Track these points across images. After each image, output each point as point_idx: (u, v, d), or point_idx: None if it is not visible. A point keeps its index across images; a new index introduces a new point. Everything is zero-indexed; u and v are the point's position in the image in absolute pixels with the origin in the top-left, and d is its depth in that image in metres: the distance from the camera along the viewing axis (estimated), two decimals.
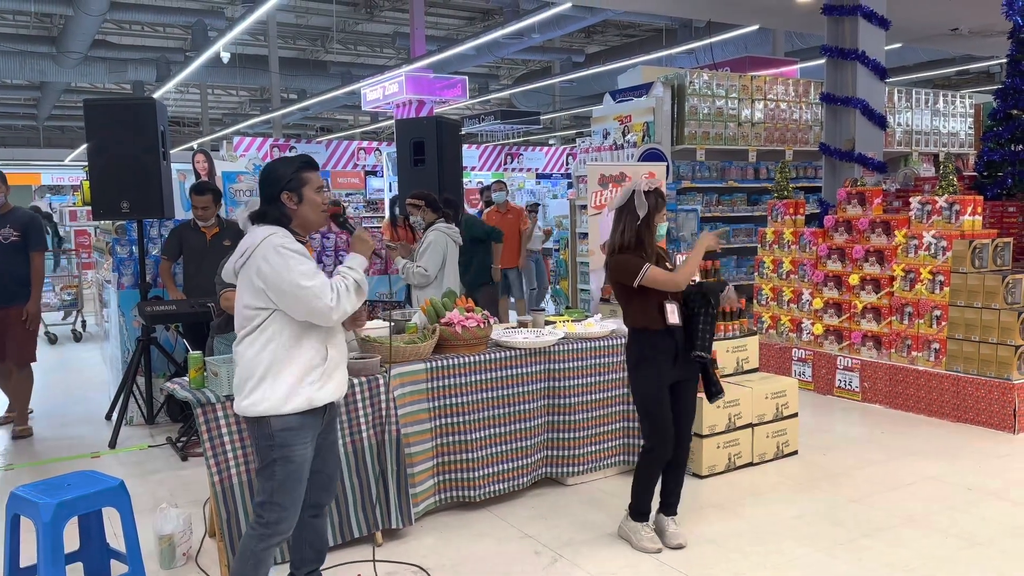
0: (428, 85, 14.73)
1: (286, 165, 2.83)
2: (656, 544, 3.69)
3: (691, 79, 8.32)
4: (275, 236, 2.71)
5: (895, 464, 4.87)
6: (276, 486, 2.74)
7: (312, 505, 2.97)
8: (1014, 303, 5.56)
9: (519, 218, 9.17)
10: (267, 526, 2.74)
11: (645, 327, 3.60)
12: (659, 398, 3.60)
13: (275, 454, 2.73)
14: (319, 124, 31.24)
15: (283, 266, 2.65)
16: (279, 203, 2.79)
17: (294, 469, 2.75)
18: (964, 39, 10.93)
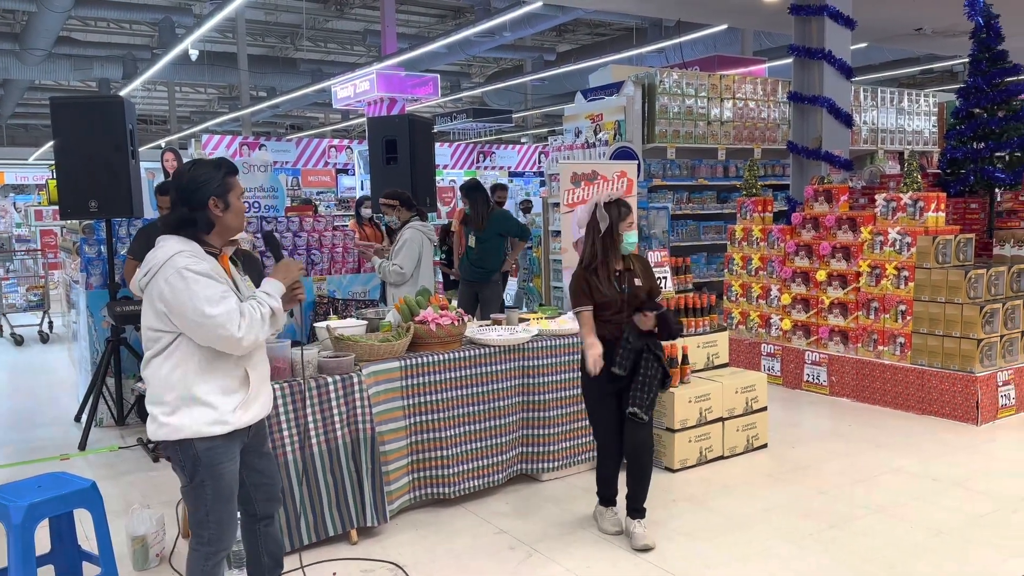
0: (400, 83, 14.69)
1: (212, 169, 2.64)
2: (615, 527, 3.86)
3: (661, 78, 8.40)
4: (179, 256, 2.52)
5: (862, 456, 4.97)
6: (209, 505, 2.65)
7: (263, 516, 2.94)
8: (976, 298, 5.69)
9: None
10: (209, 543, 2.68)
11: (599, 333, 3.70)
12: (599, 409, 3.82)
13: (202, 475, 2.61)
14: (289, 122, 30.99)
15: (186, 291, 2.47)
16: (205, 210, 2.60)
17: (224, 485, 2.66)
18: (928, 39, 11.14)
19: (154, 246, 2.63)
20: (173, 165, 8.06)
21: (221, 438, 2.61)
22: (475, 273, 6.83)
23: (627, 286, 3.72)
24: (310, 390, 3.68)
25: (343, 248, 6.84)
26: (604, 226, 3.68)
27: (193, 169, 2.66)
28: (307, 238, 6.73)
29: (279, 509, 3.10)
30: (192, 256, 2.54)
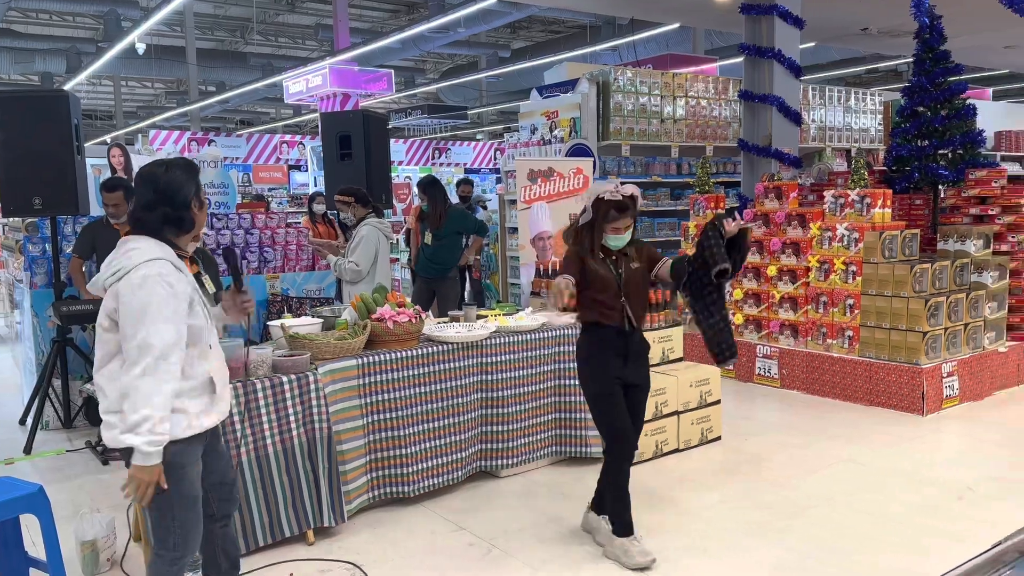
0: (353, 78, 14.54)
1: (186, 169, 2.66)
2: (648, 557, 3.46)
3: (615, 76, 8.47)
4: (158, 264, 2.48)
5: (813, 448, 5.08)
6: (175, 510, 2.61)
7: (221, 516, 2.90)
8: (921, 291, 5.86)
9: None
10: (174, 549, 2.63)
11: (595, 322, 3.51)
12: (610, 394, 3.48)
13: (169, 478, 2.55)
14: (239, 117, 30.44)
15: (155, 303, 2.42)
16: (189, 210, 2.61)
17: (188, 487, 2.62)
18: (873, 39, 11.42)
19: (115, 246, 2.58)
20: (120, 161, 7.85)
21: (184, 442, 2.57)
22: (432, 270, 6.79)
23: (622, 270, 3.48)
24: (264, 390, 3.63)
25: (297, 245, 6.75)
26: (585, 219, 3.48)
27: (172, 170, 2.64)
28: (259, 235, 6.62)
29: (236, 509, 3.06)
30: (165, 264, 2.51)
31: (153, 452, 2.43)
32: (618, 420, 3.49)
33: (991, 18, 9.42)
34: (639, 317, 3.51)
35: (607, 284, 3.45)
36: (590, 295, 3.48)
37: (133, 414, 2.40)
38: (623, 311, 3.45)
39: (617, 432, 3.50)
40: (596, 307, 3.48)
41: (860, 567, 3.45)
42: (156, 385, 2.42)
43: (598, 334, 3.52)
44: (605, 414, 3.51)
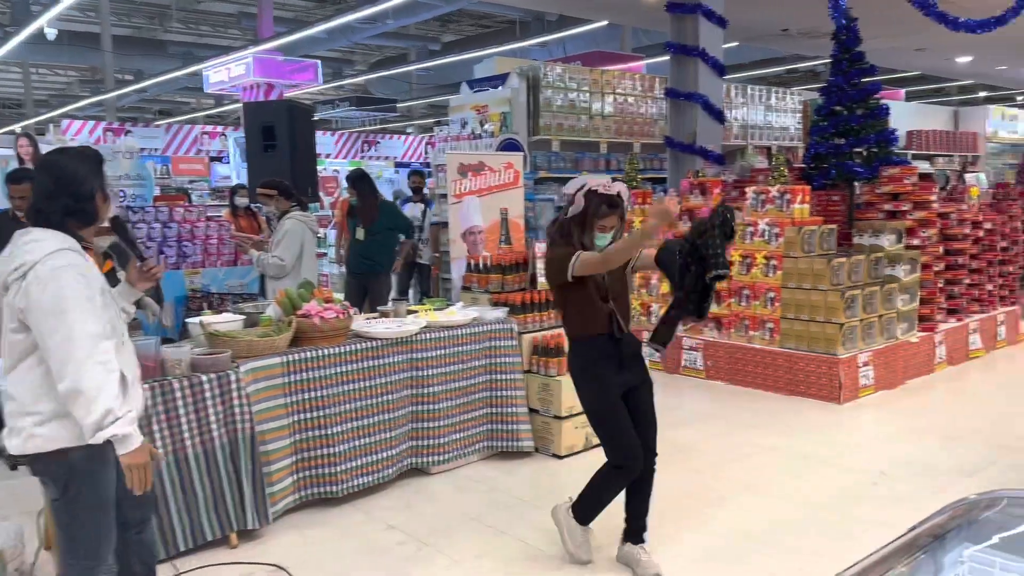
0: (277, 68, 14.17)
1: (90, 159, 2.54)
2: (587, 556, 3.40)
3: (545, 72, 8.48)
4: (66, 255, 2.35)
5: (737, 437, 5.20)
6: (86, 516, 2.49)
7: (135, 523, 2.78)
8: (838, 284, 6.06)
9: None
10: (86, 558, 2.50)
11: (584, 334, 3.27)
12: (612, 409, 3.23)
13: (78, 485, 2.44)
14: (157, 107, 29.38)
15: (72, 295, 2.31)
16: (93, 201, 2.50)
17: (102, 494, 2.51)
18: (793, 39, 11.77)
19: (11, 240, 2.42)
20: (28, 152, 7.46)
21: (98, 445, 2.42)
22: (363, 265, 6.67)
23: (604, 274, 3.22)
24: (183, 389, 3.50)
25: (218, 239, 6.54)
26: (574, 211, 3.18)
27: (73, 159, 2.52)
28: (178, 229, 6.39)
29: (152, 515, 2.94)
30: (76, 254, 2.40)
31: (131, 434, 2.36)
32: (624, 436, 3.22)
33: (904, 22, 9.81)
34: (626, 320, 3.28)
35: (597, 288, 3.21)
36: (576, 301, 3.24)
37: (91, 414, 2.30)
38: (611, 315, 3.22)
39: (625, 450, 3.23)
40: (583, 315, 3.24)
41: (785, 552, 3.55)
42: (99, 375, 2.32)
43: (588, 345, 3.27)
44: (609, 431, 3.25)
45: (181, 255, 6.34)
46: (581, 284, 3.19)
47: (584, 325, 3.25)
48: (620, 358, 3.26)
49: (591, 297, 3.20)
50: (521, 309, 4.85)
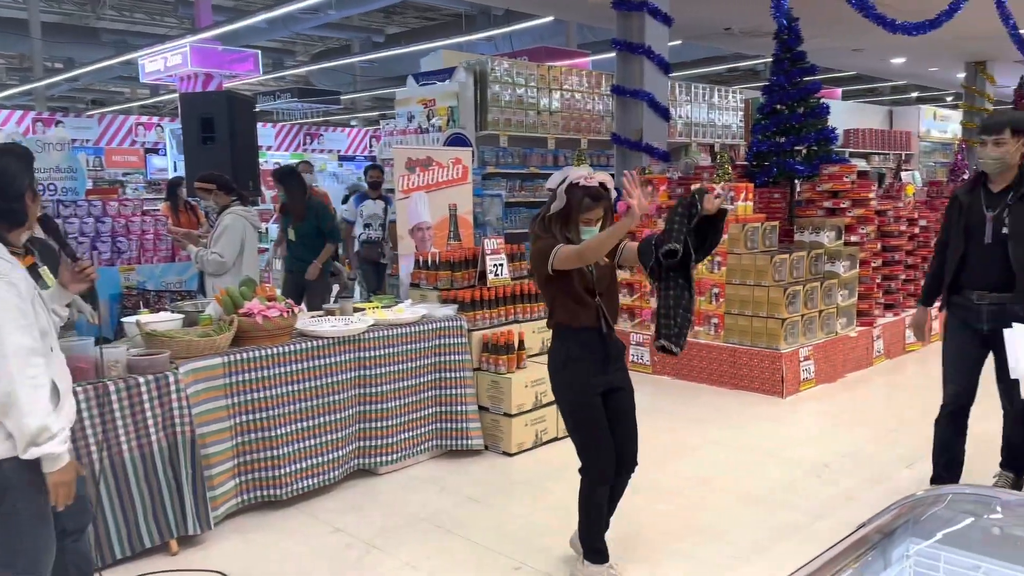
0: (216, 58, 13.80)
1: (20, 157, 2.45)
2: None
3: (492, 66, 8.44)
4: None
5: (684, 431, 5.26)
6: (23, 531, 2.38)
7: (71, 531, 2.67)
8: (780, 280, 6.17)
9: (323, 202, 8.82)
10: (24, 571, 2.38)
11: (568, 324, 3.14)
12: (588, 405, 3.13)
13: (13, 499, 2.34)
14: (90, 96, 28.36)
15: None
16: (22, 201, 2.41)
17: (40, 506, 2.41)
18: (735, 38, 11.96)
19: None
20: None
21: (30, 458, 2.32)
22: (298, 265, 6.51)
23: (592, 266, 3.11)
24: (119, 392, 3.37)
25: (154, 234, 6.33)
26: (556, 207, 3.07)
27: (2, 157, 2.42)
28: (112, 224, 6.16)
29: (90, 522, 2.82)
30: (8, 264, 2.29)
31: (61, 453, 2.31)
32: (596, 436, 3.14)
33: (843, 22, 10.04)
34: (613, 317, 3.18)
35: (582, 281, 3.10)
36: (562, 294, 3.13)
37: (25, 429, 2.24)
38: (598, 310, 3.11)
39: (592, 448, 3.15)
40: (569, 308, 3.13)
41: (734, 545, 3.59)
42: (31, 392, 2.24)
43: (573, 338, 3.14)
44: (581, 425, 3.16)
45: (116, 251, 6.11)
46: (567, 278, 3.09)
47: (572, 317, 3.13)
48: (605, 356, 3.15)
49: (577, 291, 3.11)
50: (471, 306, 4.80)
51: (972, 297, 3.73)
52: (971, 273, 3.73)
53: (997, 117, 3.75)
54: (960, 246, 3.75)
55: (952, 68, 15.35)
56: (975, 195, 3.75)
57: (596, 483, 3.15)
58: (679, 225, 2.93)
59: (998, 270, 3.61)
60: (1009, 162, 3.60)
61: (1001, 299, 3.64)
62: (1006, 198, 3.63)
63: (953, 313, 3.89)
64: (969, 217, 3.73)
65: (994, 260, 3.63)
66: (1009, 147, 3.59)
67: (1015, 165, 3.63)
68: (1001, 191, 3.66)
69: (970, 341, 3.82)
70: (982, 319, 3.72)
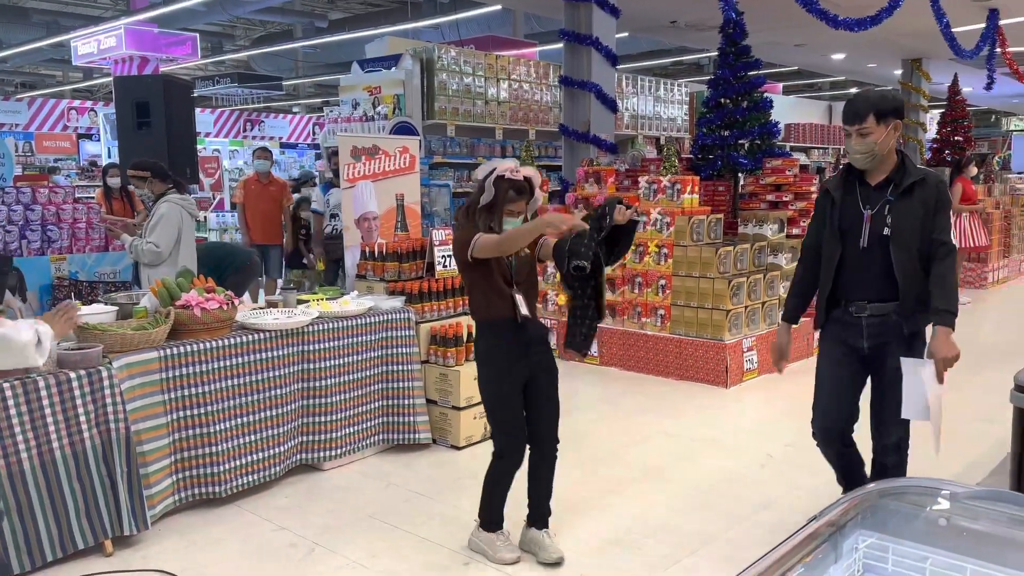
0: (152, 41, 13.35)
1: None
2: (514, 553, 3.35)
3: (439, 54, 8.33)
4: None
5: (632, 422, 5.28)
6: None
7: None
8: (725, 272, 6.25)
9: (282, 192, 8.57)
10: None
11: (487, 318, 3.24)
12: (504, 396, 3.24)
13: None
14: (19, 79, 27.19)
15: None
16: None
17: None
18: (680, 31, 12.05)
19: None
20: None
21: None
22: None
23: (512, 257, 3.21)
24: (48, 387, 3.21)
25: (87, 223, 6.07)
26: (484, 200, 3.15)
27: None
28: (42, 212, 5.89)
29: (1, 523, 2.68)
30: None
31: None
32: (509, 425, 3.27)
33: (786, 18, 10.21)
34: (532, 306, 3.27)
35: (500, 271, 3.18)
36: (481, 283, 3.20)
37: None
38: (513, 300, 3.19)
39: (507, 437, 3.28)
40: (486, 298, 3.21)
41: (682, 536, 3.61)
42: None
43: (490, 330, 3.25)
44: (497, 418, 3.29)
45: (46, 240, 5.84)
46: (486, 267, 3.16)
47: (488, 308, 3.23)
48: (525, 344, 3.24)
49: (495, 281, 3.18)
50: (419, 298, 4.73)
51: (851, 310, 3.16)
52: (848, 282, 3.15)
53: (858, 102, 3.06)
54: (835, 250, 3.16)
55: (890, 65, 15.77)
56: (850, 190, 3.16)
57: (504, 463, 3.32)
58: (589, 240, 3.02)
59: (879, 277, 3.07)
60: (880, 153, 3.03)
61: (882, 310, 3.09)
62: (886, 193, 3.07)
63: (829, 329, 3.28)
64: (843, 216, 3.14)
65: (873, 265, 3.08)
66: (877, 135, 3.00)
67: (891, 153, 3.08)
68: (880, 184, 3.10)
69: (847, 362, 3.24)
70: (861, 335, 3.15)
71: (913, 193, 3.05)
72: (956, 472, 4.24)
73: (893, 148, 3.08)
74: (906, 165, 3.09)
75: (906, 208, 3.04)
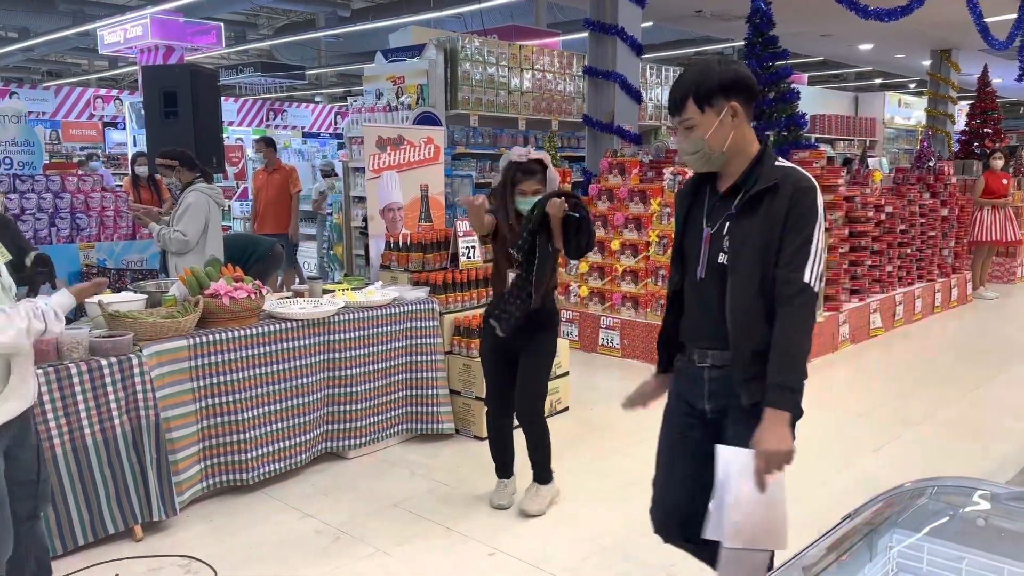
0: (178, 30, 13.44)
1: None
2: (498, 501, 3.81)
3: (463, 44, 8.30)
4: None
5: (652, 415, 5.24)
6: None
7: (26, 516, 2.60)
8: None
9: (288, 179, 8.65)
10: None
11: (493, 292, 3.76)
12: (487, 355, 3.77)
13: None
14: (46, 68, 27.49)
15: None
16: None
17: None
18: (706, 21, 11.93)
19: None
20: None
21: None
22: None
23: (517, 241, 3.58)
24: (81, 375, 3.26)
25: (115, 211, 6.13)
26: (497, 183, 3.70)
27: None
28: (71, 200, 5.95)
29: (46, 507, 2.74)
30: None
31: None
32: (487, 381, 3.83)
33: (814, 7, 10.08)
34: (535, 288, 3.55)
35: (504, 254, 3.61)
36: (494, 262, 3.71)
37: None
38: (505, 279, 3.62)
39: (487, 393, 3.86)
40: (493, 277, 3.74)
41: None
42: None
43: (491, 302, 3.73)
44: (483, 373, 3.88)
45: (75, 227, 5.91)
46: (496, 248, 3.70)
47: (493, 284, 3.78)
48: None
49: (499, 261, 3.69)
50: (443, 289, 4.74)
51: (694, 357, 2.33)
52: (689, 320, 2.35)
53: (678, 85, 2.19)
54: (675, 278, 2.39)
55: (918, 55, 15.53)
56: (699, 198, 2.30)
57: (488, 416, 3.86)
58: (522, 230, 3.46)
59: (719, 319, 2.22)
60: (715, 150, 2.16)
61: (724, 360, 2.25)
62: (732, 204, 2.19)
63: (673, 380, 2.51)
64: (687, 234, 2.32)
65: (711, 300, 2.24)
66: (704, 128, 2.14)
67: (742, 148, 2.18)
68: (728, 192, 2.21)
69: (689, 430, 2.41)
70: (703, 393, 2.33)
71: (761, 205, 2.14)
72: (985, 470, 4.19)
73: (748, 140, 2.18)
74: (762, 164, 2.16)
75: (748, 226, 2.15)
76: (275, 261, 6.84)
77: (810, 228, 2.11)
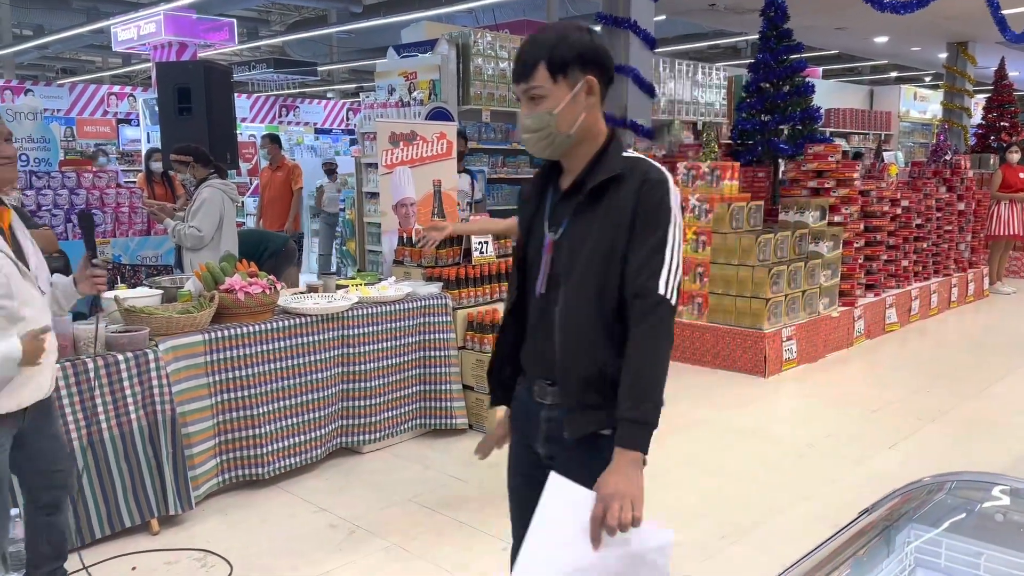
0: (191, 27, 13.49)
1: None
2: None
3: (475, 39, 8.29)
4: None
5: (669, 411, 5.21)
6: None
7: (47, 505, 2.63)
8: (765, 260, 6.17)
9: (290, 176, 8.67)
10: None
11: None
12: None
13: None
14: (60, 65, 27.68)
15: None
16: None
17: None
18: (719, 14, 11.85)
19: None
20: None
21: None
22: None
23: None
24: (97, 369, 3.28)
25: (130, 207, 6.18)
26: None
27: None
28: (87, 196, 6.00)
29: (67, 498, 2.78)
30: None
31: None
32: None
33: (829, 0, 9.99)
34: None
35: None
36: None
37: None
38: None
39: None
40: None
41: (719, 527, 3.59)
42: None
43: None
44: None
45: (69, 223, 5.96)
46: None
47: None
48: None
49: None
50: (456, 284, 4.74)
51: (533, 390, 1.94)
52: (528, 345, 1.96)
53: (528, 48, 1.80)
54: (512, 295, 2.02)
55: (934, 48, 15.37)
56: (541, 197, 1.95)
57: None
58: None
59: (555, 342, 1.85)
60: (561, 128, 1.79)
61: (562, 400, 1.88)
62: (574, 202, 1.83)
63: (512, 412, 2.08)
64: (529, 240, 1.97)
65: (549, 323, 1.86)
66: (554, 101, 1.77)
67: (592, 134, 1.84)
68: (571, 189, 1.85)
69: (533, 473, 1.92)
70: (538, 432, 1.95)
71: (601, 201, 1.79)
72: (1002, 466, 4.16)
73: (599, 127, 1.85)
74: (607, 154, 1.82)
75: (586, 226, 1.81)
76: (288, 256, 6.86)
77: (663, 230, 1.74)
